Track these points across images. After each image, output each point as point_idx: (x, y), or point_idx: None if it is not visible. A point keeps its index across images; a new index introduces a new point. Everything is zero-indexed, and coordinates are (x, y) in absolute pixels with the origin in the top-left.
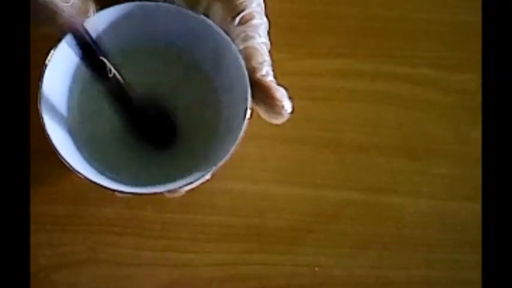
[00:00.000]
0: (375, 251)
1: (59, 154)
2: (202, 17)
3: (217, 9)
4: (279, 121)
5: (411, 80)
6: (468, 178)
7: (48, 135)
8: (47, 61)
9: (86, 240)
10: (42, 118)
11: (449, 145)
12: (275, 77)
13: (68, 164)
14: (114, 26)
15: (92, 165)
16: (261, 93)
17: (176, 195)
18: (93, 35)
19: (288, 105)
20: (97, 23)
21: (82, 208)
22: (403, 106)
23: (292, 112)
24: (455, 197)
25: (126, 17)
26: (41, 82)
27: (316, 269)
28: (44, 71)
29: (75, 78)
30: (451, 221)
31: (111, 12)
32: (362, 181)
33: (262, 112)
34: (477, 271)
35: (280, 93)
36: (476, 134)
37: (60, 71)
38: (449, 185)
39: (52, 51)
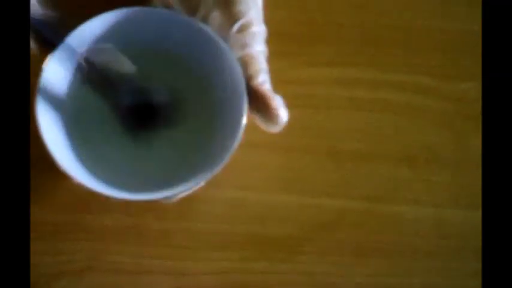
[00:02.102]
0: (374, 259)
1: (55, 159)
2: (201, 24)
3: (216, 17)
4: (274, 130)
5: (411, 88)
6: (468, 186)
7: (44, 140)
8: (43, 65)
9: (85, 248)
10: (39, 125)
11: (449, 153)
12: (273, 85)
13: (64, 169)
14: (111, 31)
15: (89, 170)
16: (258, 101)
17: (172, 201)
18: (91, 40)
19: (283, 114)
20: (94, 28)
21: (82, 216)
22: (403, 114)
23: (289, 125)
24: (455, 205)
25: (123, 22)
26: (37, 94)
27: (316, 277)
28: (39, 81)
29: (71, 87)
30: (451, 228)
31: (109, 17)
32: (361, 189)
33: (258, 120)
34: (477, 279)
35: (276, 102)
36: (476, 141)
37: (55, 80)
38: (449, 193)
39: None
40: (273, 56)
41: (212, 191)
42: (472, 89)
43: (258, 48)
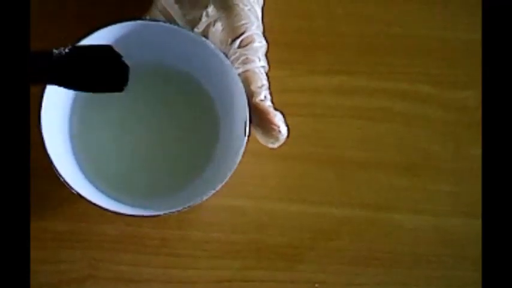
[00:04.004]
0: (374, 268)
1: (60, 175)
2: (203, 38)
3: (217, 31)
4: (274, 145)
5: (411, 96)
6: (468, 194)
7: (48, 154)
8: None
9: (85, 257)
10: (43, 137)
11: (449, 161)
12: (273, 98)
13: (69, 185)
14: (113, 44)
15: (93, 184)
16: (259, 117)
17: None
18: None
19: (284, 130)
20: (96, 40)
21: (82, 225)
22: (403, 123)
23: (289, 134)
24: (455, 214)
25: (125, 35)
26: (40, 106)
27: (316, 285)
28: (41, 98)
29: (73, 108)
30: (451, 237)
31: (111, 31)
32: (362, 198)
33: (258, 136)
34: None
35: (278, 118)
36: (476, 150)
37: (56, 101)
38: (449, 202)
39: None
40: (273, 65)
41: (212, 199)
42: (472, 97)
43: (259, 64)
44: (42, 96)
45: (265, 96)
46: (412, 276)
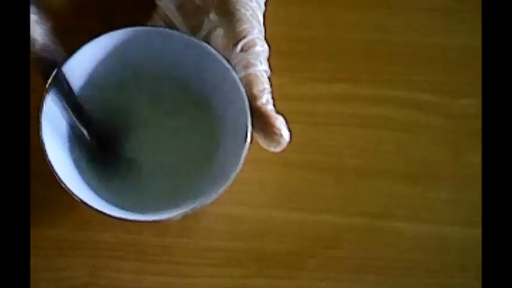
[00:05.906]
0: (374, 276)
1: (61, 181)
2: (204, 43)
3: (219, 35)
4: (277, 149)
5: (411, 104)
6: (468, 203)
7: (48, 160)
8: (46, 85)
9: (86, 264)
10: (43, 143)
11: (449, 169)
12: (274, 104)
13: (69, 190)
14: (115, 50)
15: (93, 189)
16: (261, 121)
17: (174, 218)
18: (94, 59)
19: (286, 134)
20: (99, 46)
21: (82, 232)
22: (403, 131)
23: (290, 141)
24: (455, 222)
25: (125, 42)
26: (41, 112)
27: None
28: (43, 99)
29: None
30: (451, 245)
31: (111, 37)
32: (362, 206)
33: (260, 140)
34: None
35: (279, 122)
36: (477, 158)
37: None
38: (449, 210)
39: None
40: (274, 72)
41: (212, 207)
42: (472, 105)
43: (261, 67)
44: (42, 102)
45: (267, 100)
46: (412, 284)
